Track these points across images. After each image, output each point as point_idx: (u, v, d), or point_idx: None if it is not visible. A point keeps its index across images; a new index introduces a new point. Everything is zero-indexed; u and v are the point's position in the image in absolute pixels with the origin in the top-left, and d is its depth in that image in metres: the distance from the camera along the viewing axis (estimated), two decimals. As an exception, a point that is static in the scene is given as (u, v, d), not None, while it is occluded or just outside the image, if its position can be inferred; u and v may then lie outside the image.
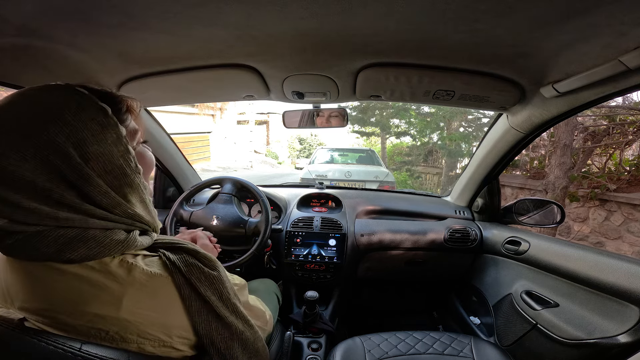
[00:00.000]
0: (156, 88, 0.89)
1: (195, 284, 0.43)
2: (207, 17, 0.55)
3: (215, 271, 0.47)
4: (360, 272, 1.38)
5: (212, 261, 0.48)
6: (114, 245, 0.39)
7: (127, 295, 0.38)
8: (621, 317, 0.75)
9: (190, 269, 0.44)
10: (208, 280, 0.45)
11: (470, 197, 1.40)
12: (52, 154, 0.35)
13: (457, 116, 7.18)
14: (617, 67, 0.59)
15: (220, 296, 0.46)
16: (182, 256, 0.45)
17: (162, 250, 0.45)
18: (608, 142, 3.71)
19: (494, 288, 1.21)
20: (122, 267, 0.40)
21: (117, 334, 0.38)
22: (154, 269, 0.42)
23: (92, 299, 0.38)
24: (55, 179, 0.36)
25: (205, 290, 0.44)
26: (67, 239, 0.37)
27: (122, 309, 0.38)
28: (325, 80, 0.85)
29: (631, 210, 3.13)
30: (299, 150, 20.52)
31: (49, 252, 0.36)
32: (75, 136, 0.36)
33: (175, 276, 0.42)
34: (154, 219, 0.48)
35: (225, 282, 0.48)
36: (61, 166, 0.35)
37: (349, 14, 0.54)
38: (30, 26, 0.56)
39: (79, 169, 0.36)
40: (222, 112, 13.59)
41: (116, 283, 0.38)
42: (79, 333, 0.37)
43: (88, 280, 0.38)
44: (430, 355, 0.89)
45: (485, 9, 0.50)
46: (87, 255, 0.38)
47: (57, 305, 0.37)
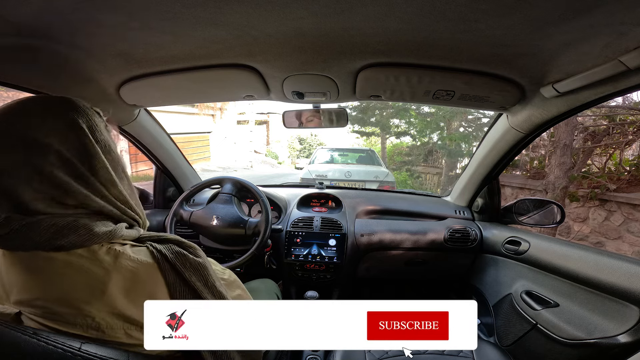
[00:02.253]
0: (156, 88, 0.89)
1: (180, 269, 0.45)
2: (207, 17, 0.55)
3: (199, 258, 0.49)
4: (360, 272, 1.38)
5: (196, 249, 0.50)
6: (102, 233, 0.42)
7: (112, 281, 0.40)
8: (621, 317, 0.75)
9: (176, 256, 0.46)
10: (193, 267, 0.47)
11: (470, 197, 1.40)
12: (76, 129, 0.43)
13: (457, 116, 7.18)
14: (617, 67, 0.59)
15: (205, 283, 0.48)
16: (168, 246, 0.47)
17: (149, 242, 0.47)
18: (608, 142, 3.71)
19: (494, 288, 1.21)
20: (109, 254, 0.42)
21: (103, 321, 0.39)
22: (140, 256, 0.44)
23: (78, 285, 0.39)
24: (75, 152, 0.42)
25: (190, 276, 0.46)
26: (59, 227, 0.39)
27: (107, 294, 0.39)
28: (325, 80, 0.85)
29: (631, 210, 3.13)
30: (299, 150, 20.53)
31: (41, 240, 0.38)
32: (89, 121, 0.45)
33: (161, 263, 0.44)
34: (142, 214, 0.51)
35: (209, 269, 0.50)
36: (83, 138, 0.43)
37: (349, 14, 0.54)
38: (30, 26, 0.56)
39: (92, 145, 0.44)
40: (222, 112, 13.59)
41: (102, 269, 0.40)
42: (68, 322, 0.39)
43: (76, 266, 0.40)
44: (431, 355, 0.89)
45: (485, 9, 0.50)
46: (77, 242, 0.40)
47: (47, 293, 0.39)
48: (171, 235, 0.50)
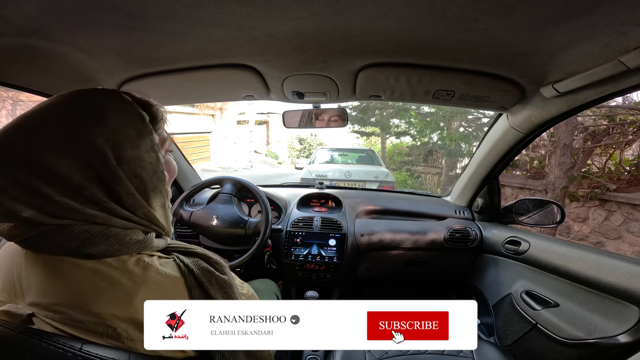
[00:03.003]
0: (156, 88, 0.89)
1: (206, 286, 0.45)
2: (207, 17, 0.55)
3: (225, 275, 0.48)
4: (360, 272, 1.38)
5: (223, 266, 0.49)
6: (132, 243, 0.41)
7: (139, 293, 0.39)
8: (621, 317, 0.75)
9: (203, 272, 0.45)
10: (218, 284, 0.46)
11: (470, 197, 1.40)
12: (91, 153, 0.37)
13: (457, 116, 7.18)
14: (617, 67, 0.59)
15: (229, 299, 0.47)
16: (195, 260, 0.46)
17: (175, 254, 0.46)
18: (608, 142, 3.71)
19: (494, 288, 1.21)
20: (138, 266, 0.41)
21: (124, 332, 0.39)
22: (168, 269, 0.43)
23: (105, 295, 0.38)
24: (89, 177, 0.38)
25: (215, 294, 0.45)
26: (90, 235, 0.38)
27: (133, 306, 0.39)
28: (325, 80, 0.85)
29: (631, 210, 3.13)
30: (299, 150, 20.53)
31: (71, 246, 0.37)
32: (114, 139, 0.39)
33: (187, 278, 0.44)
34: (168, 225, 0.49)
35: (234, 287, 0.49)
36: (97, 165, 0.38)
37: (349, 14, 0.54)
38: (30, 26, 0.56)
39: (113, 170, 0.39)
40: (222, 112, 13.59)
41: (131, 281, 0.39)
42: (87, 330, 0.38)
43: (104, 275, 0.39)
44: (431, 355, 0.89)
45: (485, 9, 0.50)
46: (107, 251, 0.39)
47: (70, 299, 0.38)
48: (198, 248, 0.49)
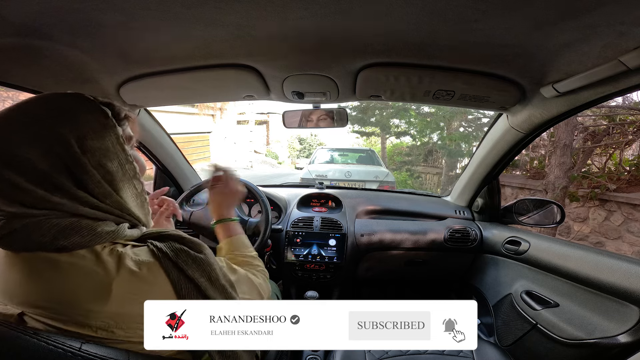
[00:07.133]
0: (156, 88, 0.89)
1: (182, 267, 0.45)
2: (207, 17, 0.55)
3: (201, 254, 0.49)
4: (360, 272, 1.38)
5: (199, 245, 0.50)
6: (105, 234, 0.42)
7: (115, 282, 0.40)
8: (621, 317, 0.75)
9: (177, 253, 0.46)
10: (195, 263, 0.47)
11: (470, 197, 1.40)
12: (55, 143, 0.40)
13: (457, 116, 7.17)
14: (617, 67, 0.59)
15: (209, 278, 0.48)
16: (169, 243, 0.47)
17: (150, 240, 0.47)
18: (608, 142, 3.71)
19: (494, 288, 1.21)
20: (112, 256, 0.42)
21: (112, 321, 0.40)
22: (141, 256, 0.44)
23: (84, 287, 0.39)
24: (56, 165, 0.40)
25: (194, 272, 0.46)
26: (62, 228, 0.39)
27: (112, 295, 0.40)
28: (325, 80, 0.85)
29: (631, 210, 3.13)
30: (299, 150, 20.52)
31: (44, 241, 0.38)
32: (77, 130, 0.41)
33: (162, 261, 0.44)
34: (146, 217, 0.50)
35: (213, 264, 0.49)
36: (62, 153, 0.40)
37: (349, 14, 0.54)
38: (30, 26, 0.56)
39: (77, 158, 0.41)
40: (222, 112, 13.58)
41: (106, 271, 0.40)
42: (76, 323, 0.39)
43: (79, 268, 0.40)
44: (431, 355, 0.89)
45: (485, 9, 0.50)
46: (80, 242, 0.40)
47: (52, 295, 0.39)
48: (173, 231, 0.50)
